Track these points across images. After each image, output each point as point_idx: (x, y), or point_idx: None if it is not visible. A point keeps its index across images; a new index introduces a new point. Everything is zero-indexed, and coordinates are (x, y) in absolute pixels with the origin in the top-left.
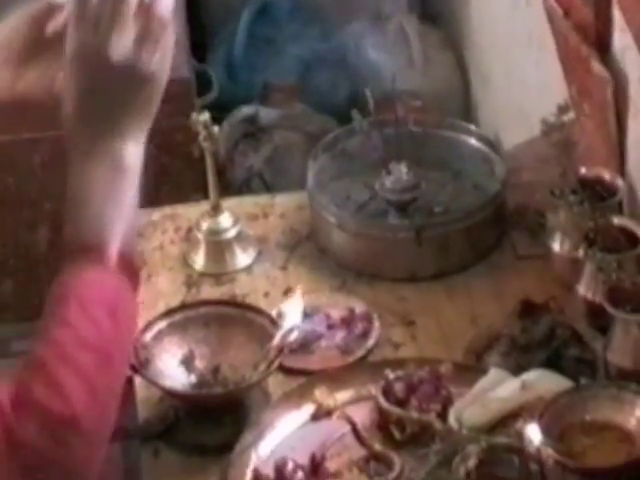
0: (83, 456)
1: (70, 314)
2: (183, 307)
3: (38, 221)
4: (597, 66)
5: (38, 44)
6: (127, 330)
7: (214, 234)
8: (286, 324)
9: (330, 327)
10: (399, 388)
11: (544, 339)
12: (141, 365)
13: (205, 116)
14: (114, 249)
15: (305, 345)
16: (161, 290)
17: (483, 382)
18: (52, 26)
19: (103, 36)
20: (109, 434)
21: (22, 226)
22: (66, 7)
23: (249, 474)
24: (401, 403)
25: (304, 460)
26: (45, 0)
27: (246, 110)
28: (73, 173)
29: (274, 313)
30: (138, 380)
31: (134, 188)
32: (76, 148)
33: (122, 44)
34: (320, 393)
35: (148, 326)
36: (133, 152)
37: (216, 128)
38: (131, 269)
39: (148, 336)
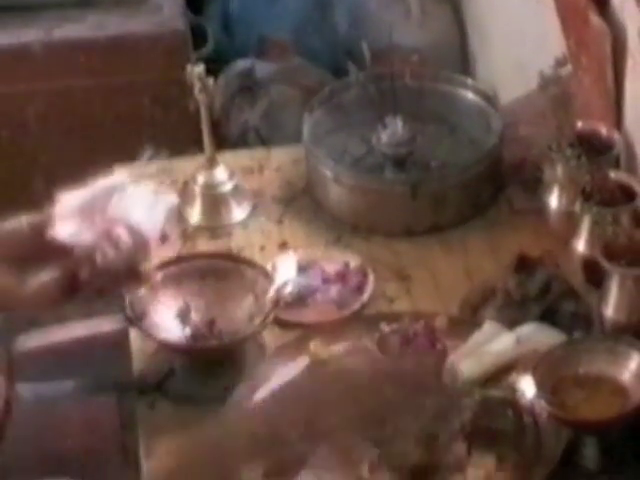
0: None
1: None
2: (178, 260)
3: (33, 174)
4: (595, 19)
5: (37, 252)
6: None
7: (210, 188)
8: (281, 278)
9: (325, 281)
10: (394, 341)
11: (539, 293)
12: (137, 318)
13: (200, 68)
14: None
15: (300, 299)
16: None
17: (478, 336)
18: (51, 236)
19: None
20: None
21: (17, 178)
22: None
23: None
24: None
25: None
26: (48, 213)
27: (242, 64)
28: None
29: (269, 267)
30: (133, 333)
31: None
32: None
33: None
34: (315, 346)
35: None
36: None
37: (211, 80)
38: None
39: (143, 289)
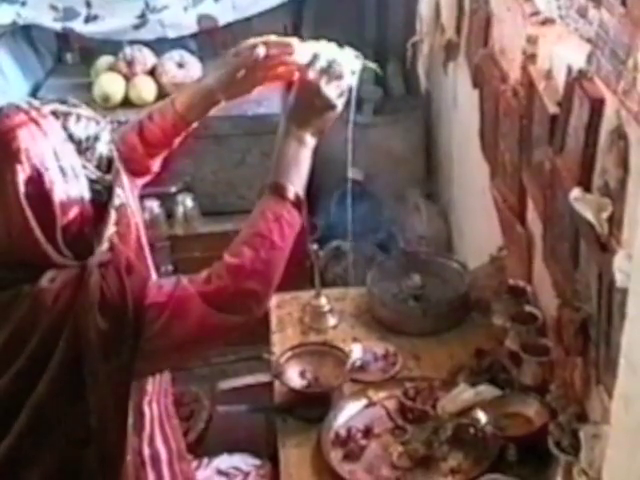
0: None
1: (268, 229)
2: (300, 345)
3: None
4: (519, 227)
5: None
6: (291, 240)
7: (317, 307)
8: (353, 356)
9: (375, 358)
10: (412, 392)
11: (487, 369)
12: (278, 375)
13: (315, 246)
14: (293, 190)
15: (362, 367)
16: (289, 336)
17: (456, 390)
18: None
19: (321, 80)
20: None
21: None
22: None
23: (332, 434)
24: (412, 400)
25: (361, 427)
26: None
27: (335, 243)
28: (280, 146)
29: (347, 350)
30: (277, 383)
31: (309, 159)
32: (284, 132)
33: (329, 87)
34: (370, 393)
35: (282, 355)
36: (312, 139)
37: (320, 252)
38: (300, 203)
39: (282, 359)
